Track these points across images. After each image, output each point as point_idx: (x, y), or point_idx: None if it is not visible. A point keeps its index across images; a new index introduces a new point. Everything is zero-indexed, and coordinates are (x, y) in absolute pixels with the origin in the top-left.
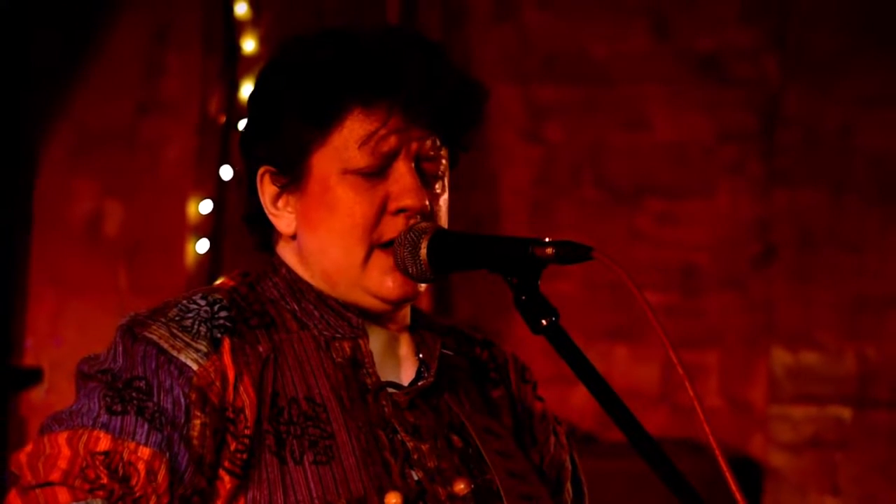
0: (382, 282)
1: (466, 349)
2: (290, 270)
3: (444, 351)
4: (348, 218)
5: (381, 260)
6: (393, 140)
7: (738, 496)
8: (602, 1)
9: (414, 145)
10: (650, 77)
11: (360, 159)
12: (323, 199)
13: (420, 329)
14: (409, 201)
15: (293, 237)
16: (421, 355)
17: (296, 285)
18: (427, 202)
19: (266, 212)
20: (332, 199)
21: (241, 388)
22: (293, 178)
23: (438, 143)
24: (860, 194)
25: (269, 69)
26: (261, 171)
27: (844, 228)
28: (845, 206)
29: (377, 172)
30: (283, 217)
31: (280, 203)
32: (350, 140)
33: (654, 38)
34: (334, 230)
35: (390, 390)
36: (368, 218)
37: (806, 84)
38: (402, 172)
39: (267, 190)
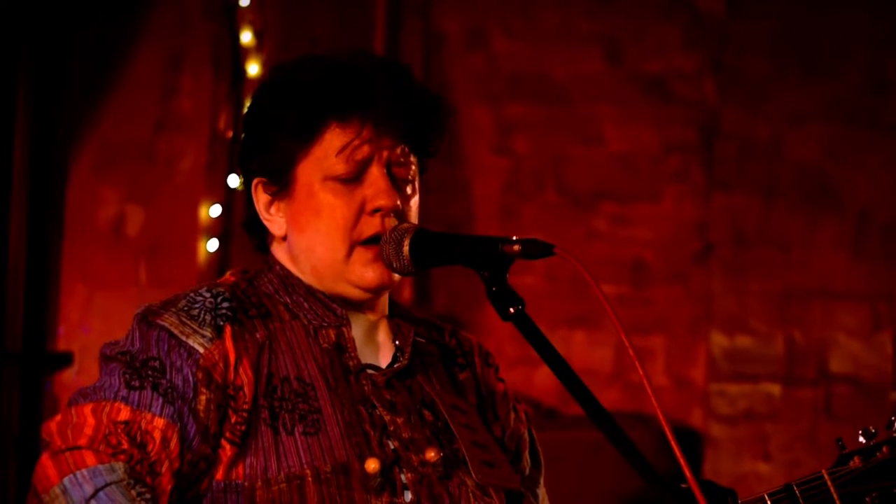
0: (363, 273)
1: (437, 337)
2: (282, 268)
3: (417, 338)
4: (331, 220)
5: (361, 255)
6: (366, 149)
7: (681, 462)
8: (562, 30)
9: (385, 153)
10: (604, 97)
11: (339, 167)
12: (308, 203)
13: (396, 318)
14: (382, 202)
15: (284, 238)
16: (397, 342)
17: (288, 281)
18: (398, 202)
19: (260, 217)
20: (316, 203)
21: (241, 369)
22: (282, 186)
23: (407, 150)
24: (788, 199)
25: (259, 92)
26: (255, 181)
27: (774, 228)
28: (775, 208)
29: (354, 178)
30: (275, 221)
31: (272, 209)
32: (329, 151)
33: (607, 63)
34: (320, 231)
35: (370, 372)
36: (348, 219)
37: (740, 103)
38: (376, 177)
39: (260, 198)
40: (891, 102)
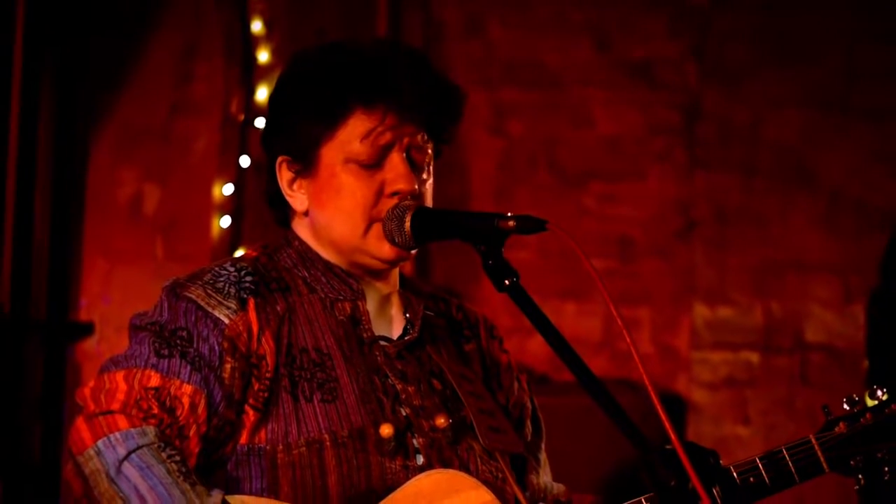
0: (381, 246)
1: (444, 310)
2: (302, 243)
3: (427, 312)
4: (352, 199)
5: (379, 230)
6: (388, 135)
7: (666, 425)
8: (554, 19)
9: (406, 139)
10: (593, 82)
11: (361, 151)
12: (330, 183)
13: (407, 292)
14: (401, 186)
15: (305, 214)
16: (408, 314)
17: (307, 255)
18: (416, 186)
19: (283, 193)
20: (338, 183)
21: (263, 340)
22: (305, 165)
23: (426, 137)
24: (765, 178)
25: (285, 76)
26: (279, 160)
27: (752, 206)
28: (753, 187)
29: (375, 162)
30: (297, 197)
31: (295, 186)
32: (353, 135)
33: (596, 50)
34: (341, 209)
35: (382, 343)
36: (368, 199)
37: (721, 87)
38: (396, 162)
39: (284, 175)
40: (862, 89)
